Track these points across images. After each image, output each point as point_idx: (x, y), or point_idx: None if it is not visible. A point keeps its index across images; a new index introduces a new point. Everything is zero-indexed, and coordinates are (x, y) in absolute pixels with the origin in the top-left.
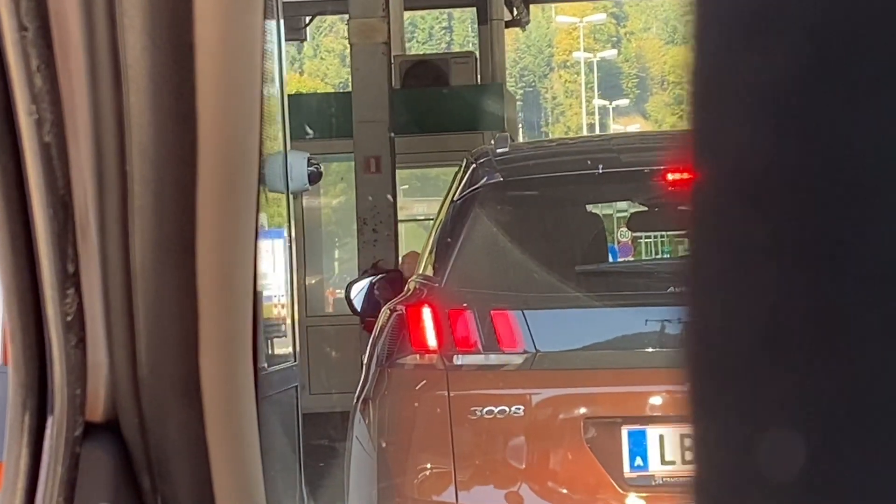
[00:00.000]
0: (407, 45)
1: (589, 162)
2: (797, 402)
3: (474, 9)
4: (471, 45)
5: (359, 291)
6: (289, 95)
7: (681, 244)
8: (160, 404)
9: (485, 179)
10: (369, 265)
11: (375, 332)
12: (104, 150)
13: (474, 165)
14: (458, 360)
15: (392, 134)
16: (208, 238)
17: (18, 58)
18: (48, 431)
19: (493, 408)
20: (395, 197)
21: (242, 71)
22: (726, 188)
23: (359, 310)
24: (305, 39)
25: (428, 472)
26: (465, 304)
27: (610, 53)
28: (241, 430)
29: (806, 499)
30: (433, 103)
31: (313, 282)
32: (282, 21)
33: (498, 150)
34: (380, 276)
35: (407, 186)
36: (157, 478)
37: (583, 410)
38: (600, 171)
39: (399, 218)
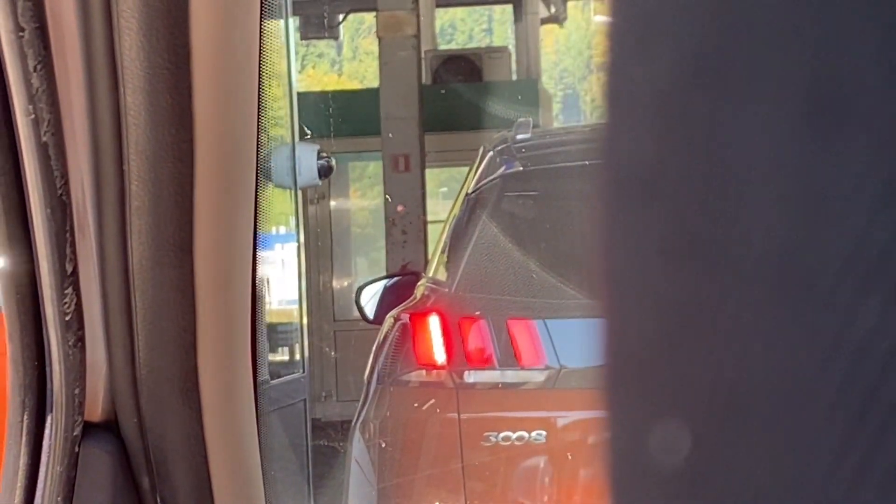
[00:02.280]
0: (446, 46)
1: None
2: (680, 395)
3: (510, 6)
4: (510, 46)
5: (371, 296)
6: (327, 92)
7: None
8: (159, 403)
9: (503, 169)
10: (398, 267)
11: (377, 343)
12: (101, 149)
13: (491, 153)
14: (470, 376)
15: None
16: (206, 237)
17: (16, 58)
18: (47, 431)
19: (510, 433)
20: (424, 196)
21: (239, 70)
22: (620, 188)
23: (371, 317)
24: (338, 38)
25: None
26: (477, 312)
27: None
28: (240, 428)
29: (689, 485)
30: (466, 99)
31: (342, 286)
32: (290, 20)
33: (518, 137)
34: (395, 278)
35: (446, 189)
36: (156, 477)
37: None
38: None
39: (434, 220)
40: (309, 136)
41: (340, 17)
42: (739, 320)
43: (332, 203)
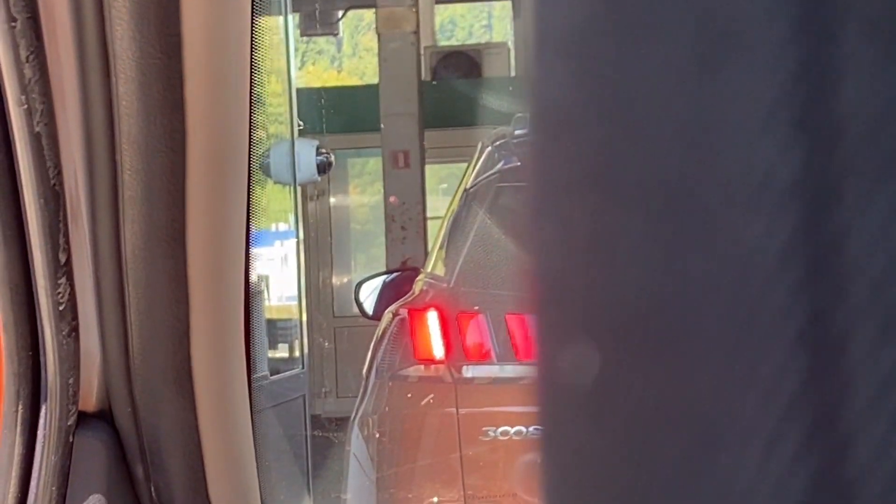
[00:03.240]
0: (446, 42)
1: None
2: (589, 316)
3: (510, 2)
4: (509, 42)
5: (370, 292)
6: (326, 89)
7: None
8: (152, 393)
9: (501, 164)
10: (398, 263)
11: (376, 338)
12: (94, 140)
13: (490, 149)
14: (469, 371)
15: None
16: (199, 227)
17: (8, 49)
18: (41, 421)
19: (508, 428)
20: (423, 193)
21: (230, 60)
22: (540, 124)
23: (370, 313)
24: (338, 34)
25: None
26: (476, 307)
27: None
28: (234, 417)
29: (599, 398)
30: (465, 95)
31: (342, 282)
32: (290, 16)
33: (517, 132)
34: (394, 274)
35: (446, 185)
36: (150, 465)
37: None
38: None
39: (434, 216)
40: (308, 132)
41: (340, 13)
42: (639, 244)
43: (332, 199)
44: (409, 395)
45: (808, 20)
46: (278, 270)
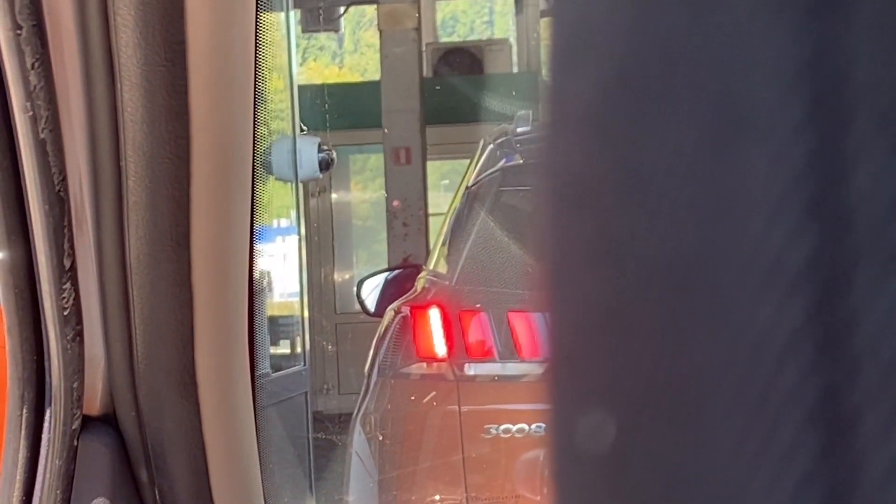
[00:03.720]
0: (447, 39)
1: None
2: (605, 387)
3: None
4: (511, 39)
5: (372, 289)
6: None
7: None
8: (157, 397)
9: (503, 162)
10: (399, 260)
11: (378, 336)
12: (99, 146)
13: (492, 146)
14: (471, 369)
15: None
16: (203, 232)
17: (13, 56)
18: (46, 425)
19: (510, 425)
20: (425, 189)
21: (235, 66)
22: (555, 193)
23: (372, 310)
24: (339, 30)
25: (436, 503)
26: (478, 305)
27: None
28: (238, 422)
29: (615, 468)
30: (466, 92)
31: (344, 279)
32: (292, 13)
33: (519, 130)
34: (396, 271)
35: (447, 182)
36: (154, 470)
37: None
38: None
39: (436, 212)
40: (309, 130)
41: (341, 9)
42: (653, 319)
43: (334, 196)
44: (411, 393)
45: (820, 108)
46: (280, 267)
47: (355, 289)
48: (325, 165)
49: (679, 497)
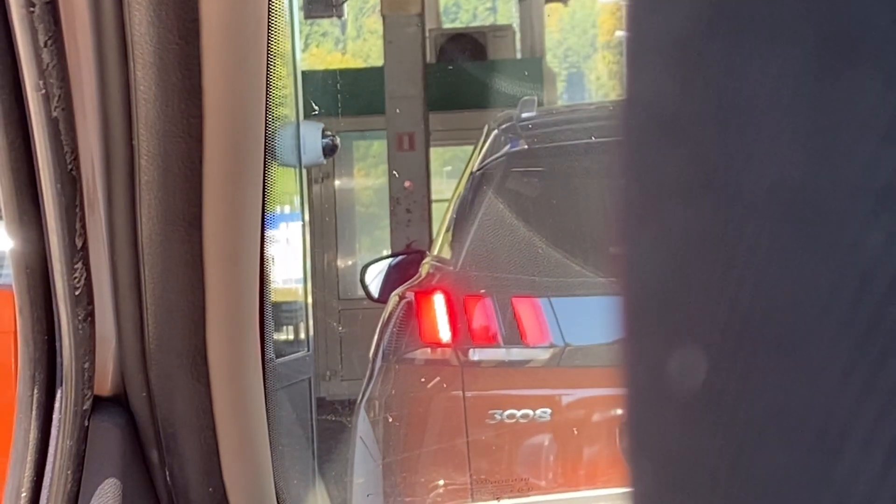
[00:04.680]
0: (450, 25)
1: None
2: (696, 323)
3: None
4: (514, 25)
5: (376, 275)
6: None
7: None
8: (167, 378)
9: (507, 147)
10: (403, 246)
11: (382, 321)
12: (111, 125)
13: (496, 132)
14: (475, 354)
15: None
16: (215, 212)
17: (26, 34)
18: (57, 405)
19: (515, 411)
20: (428, 175)
21: (248, 45)
22: (640, 129)
23: (376, 296)
24: (342, 16)
25: (440, 488)
26: (482, 290)
27: None
28: (248, 402)
29: (705, 409)
30: (470, 77)
31: (347, 265)
32: None
33: (523, 115)
34: (399, 257)
35: (451, 168)
36: (165, 450)
37: (619, 414)
38: None
39: (439, 198)
40: (314, 114)
41: None
42: (753, 250)
43: (337, 182)
44: (416, 379)
45: None
46: (283, 253)
47: (359, 274)
48: (328, 151)
49: (780, 432)
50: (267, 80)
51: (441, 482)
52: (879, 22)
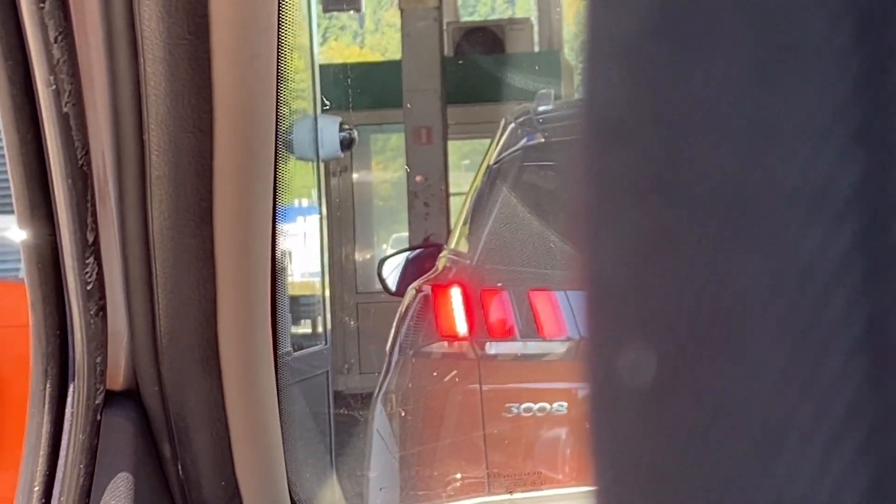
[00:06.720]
0: (469, 18)
1: None
2: (647, 321)
3: None
4: (532, 18)
5: (393, 268)
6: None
7: None
8: (179, 372)
9: (524, 141)
10: (421, 240)
11: (399, 315)
12: (122, 120)
13: (513, 125)
14: (492, 348)
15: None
16: (226, 206)
17: (37, 29)
18: (69, 399)
19: (531, 404)
20: (446, 169)
21: (258, 40)
22: (595, 131)
23: (393, 289)
24: (360, 10)
25: (457, 481)
26: (499, 284)
27: None
28: (260, 396)
29: (657, 403)
30: (488, 71)
31: (365, 258)
32: None
33: (540, 108)
34: (417, 250)
35: (468, 161)
36: (177, 444)
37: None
38: None
39: (457, 192)
40: (330, 108)
41: None
42: (698, 251)
43: (355, 175)
44: (433, 372)
45: (868, 33)
46: (301, 246)
47: (376, 268)
48: (346, 144)
49: (723, 429)
50: (278, 75)
51: (457, 475)
52: (815, 28)
